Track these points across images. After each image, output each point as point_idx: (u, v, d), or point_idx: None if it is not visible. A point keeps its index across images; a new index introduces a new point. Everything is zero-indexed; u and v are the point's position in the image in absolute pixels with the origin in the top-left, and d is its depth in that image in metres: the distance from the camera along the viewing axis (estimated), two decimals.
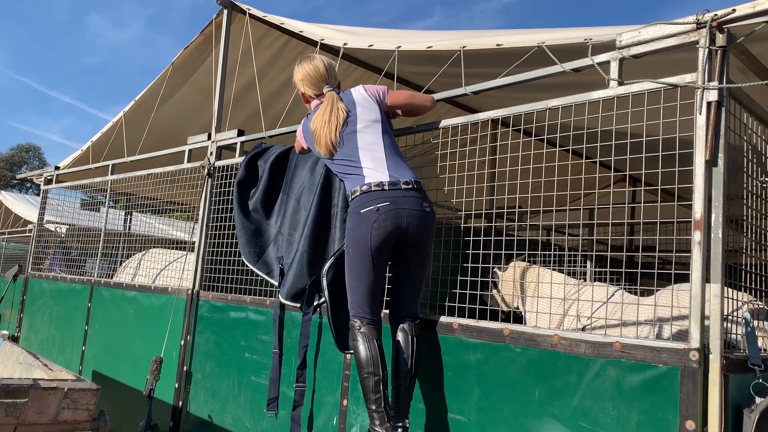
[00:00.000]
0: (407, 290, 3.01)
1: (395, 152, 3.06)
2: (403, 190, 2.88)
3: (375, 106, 3.12)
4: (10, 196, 17.05)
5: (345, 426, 3.36)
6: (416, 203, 2.88)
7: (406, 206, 2.85)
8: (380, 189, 2.89)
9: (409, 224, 2.86)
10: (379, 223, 2.84)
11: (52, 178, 7.69)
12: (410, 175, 2.95)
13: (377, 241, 2.85)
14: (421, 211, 2.88)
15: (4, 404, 2.14)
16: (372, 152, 3.00)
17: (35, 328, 7.26)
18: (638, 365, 2.34)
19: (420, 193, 2.93)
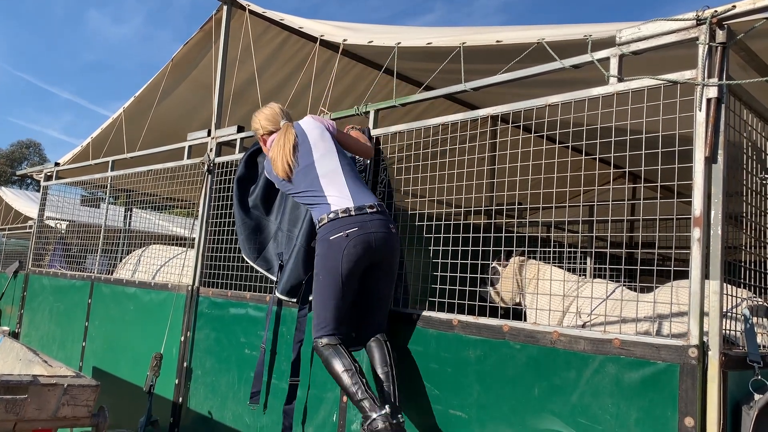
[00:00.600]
0: (376, 309, 3.11)
1: (355, 177, 3.18)
2: (369, 214, 3.00)
3: (327, 134, 3.27)
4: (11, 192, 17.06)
5: (345, 422, 3.37)
6: (382, 225, 3.01)
7: (373, 230, 2.97)
8: (347, 215, 3.00)
9: (378, 247, 2.98)
10: (349, 249, 2.95)
11: (52, 174, 7.69)
12: (372, 199, 3.08)
13: (348, 267, 2.96)
14: (388, 233, 3.01)
15: (4, 400, 2.15)
16: (333, 179, 3.13)
17: (36, 325, 7.27)
18: (637, 362, 2.34)
19: (384, 215, 3.06)
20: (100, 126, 7.06)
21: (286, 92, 5.75)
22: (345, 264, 2.95)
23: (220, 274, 4.55)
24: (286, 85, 5.92)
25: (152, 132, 6.46)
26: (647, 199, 2.92)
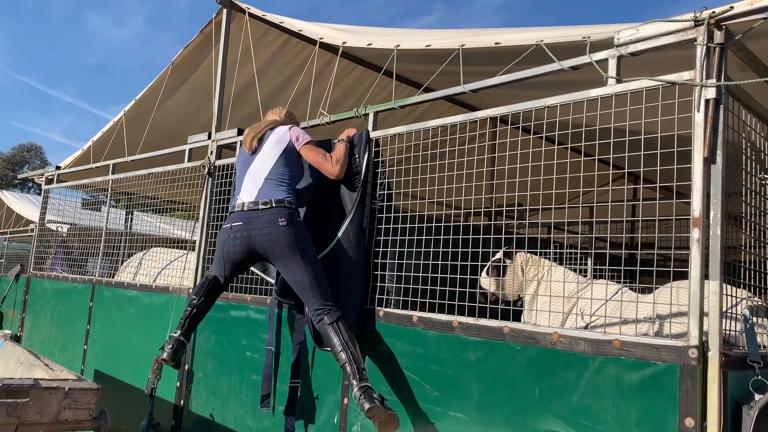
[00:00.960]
0: (301, 295, 3.30)
1: (282, 173, 3.43)
2: (260, 210, 3.29)
3: (286, 142, 3.52)
4: (12, 195, 17.08)
5: (346, 424, 3.37)
6: (269, 221, 3.24)
7: (257, 225, 3.25)
8: (240, 210, 3.37)
9: (259, 241, 3.26)
10: (228, 240, 3.35)
11: (53, 177, 7.70)
12: (276, 196, 3.32)
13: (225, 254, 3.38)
14: (272, 227, 3.22)
15: (5, 404, 2.15)
16: (254, 178, 3.45)
17: (37, 328, 7.28)
18: (637, 363, 2.35)
19: (277, 210, 3.27)
20: (101, 129, 7.07)
21: (286, 95, 5.76)
22: (223, 251, 3.36)
23: None
24: (286, 88, 5.92)
25: (153, 135, 6.47)
26: (647, 200, 2.92)
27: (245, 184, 3.45)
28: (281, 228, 3.21)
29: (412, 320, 3.17)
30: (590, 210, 6.03)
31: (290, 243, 3.21)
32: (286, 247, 3.21)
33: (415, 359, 3.13)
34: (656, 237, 2.74)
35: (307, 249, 3.28)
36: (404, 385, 3.14)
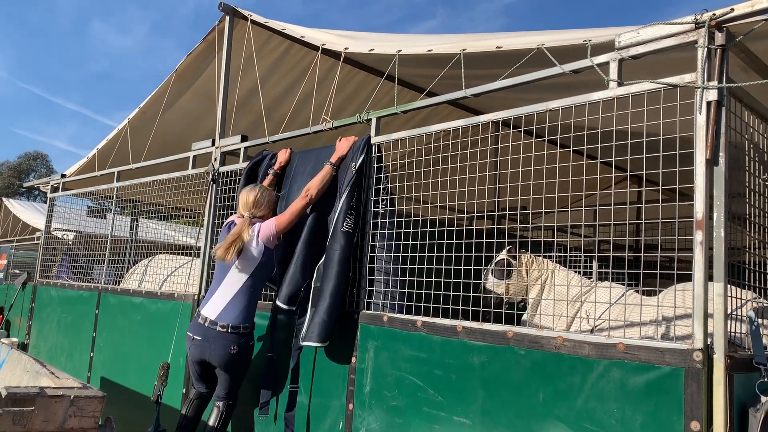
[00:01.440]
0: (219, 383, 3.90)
1: (247, 295, 3.74)
2: (217, 332, 3.68)
3: (260, 254, 3.75)
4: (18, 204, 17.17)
5: (351, 429, 3.37)
6: (224, 345, 3.68)
7: (212, 345, 3.69)
8: (203, 322, 3.74)
9: (211, 358, 3.73)
10: (190, 348, 3.83)
11: (58, 185, 7.74)
12: (234, 320, 3.69)
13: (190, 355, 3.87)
14: (224, 352, 3.68)
15: (11, 413, 2.16)
16: (226, 291, 3.76)
17: (44, 336, 7.30)
18: (642, 366, 2.34)
19: (235, 335, 3.68)
20: (105, 137, 7.10)
21: (289, 101, 5.78)
22: (189, 351, 3.86)
23: None
24: (289, 94, 5.94)
25: (157, 142, 6.50)
26: (650, 202, 2.92)
27: (215, 295, 3.79)
28: (230, 354, 3.70)
29: (416, 325, 3.17)
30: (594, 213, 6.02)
31: (232, 364, 3.75)
32: (230, 366, 3.76)
33: (419, 364, 3.13)
34: (660, 239, 2.73)
35: (243, 365, 3.82)
36: (409, 391, 3.14)
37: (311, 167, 3.95)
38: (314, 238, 3.75)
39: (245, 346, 3.74)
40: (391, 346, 3.28)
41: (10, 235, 15.16)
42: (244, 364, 3.81)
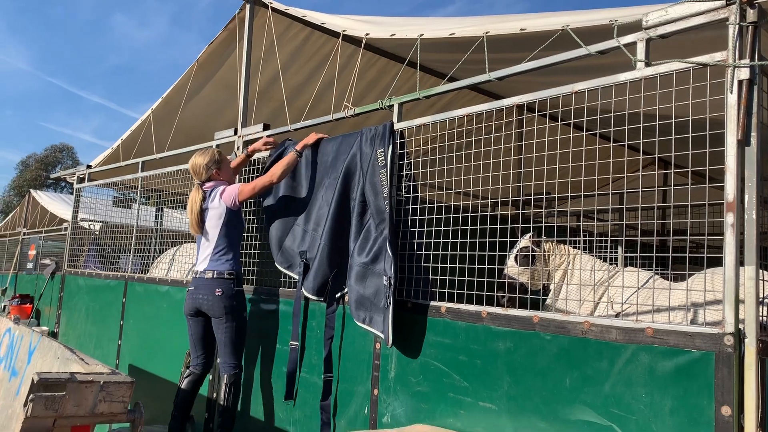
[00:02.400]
0: (219, 349, 4.08)
1: (221, 246, 4.08)
2: (206, 279, 4.03)
3: (223, 214, 4.08)
4: (46, 195, 17.45)
5: (377, 415, 3.38)
6: (210, 289, 3.99)
7: (205, 292, 4.00)
8: (195, 276, 4.14)
9: (202, 305, 4.04)
10: (186, 300, 4.14)
11: (84, 176, 7.84)
12: (218, 267, 4.04)
13: (186, 310, 4.17)
14: (214, 296, 3.97)
15: (44, 398, 2.20)
16: (206, 246, 4.14)
17: (73, 324, 7.44)
18: (671, 351, 2.31)
19: (219, 281, 4.00)
20: (129, 128, 7.18)
21: (310, 89, 5.78)
22: (185, 308, 4.16)
23: (251, 271, 4.60)
24: (310, 82, 5.94)
25: (180, 132, 6.55)
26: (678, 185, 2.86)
27: (199, 254, 4.20)
28: (214, 297, 3.98)
29: (440, 311, 3.16)
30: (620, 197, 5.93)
31: (220, 309, 3.98)
32: (220, 311, 3.99)
33: (443, 350, 3.12)
34: (689, 223, 2.68)
35: (233, 315, 4.00)
36: (434, 376, 3.13)
37: (333, 158, 3.95)
38: (338, 228, 3.75)
39: (231, 292, 4.00)
40: (415, 332, 3.28)
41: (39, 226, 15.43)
42: (234, 313, 4.00)
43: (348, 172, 3.77)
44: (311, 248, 3.93)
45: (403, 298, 3.38)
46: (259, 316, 4.37)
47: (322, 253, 3.77)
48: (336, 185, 3.80)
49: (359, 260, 3.52)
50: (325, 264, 3.75)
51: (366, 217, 3.63)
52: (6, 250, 15.60)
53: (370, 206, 3.57)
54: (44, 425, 2.26)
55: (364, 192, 3.62)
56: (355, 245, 3.61)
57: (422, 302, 3.28)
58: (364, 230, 3.61)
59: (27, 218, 16.28)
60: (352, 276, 3.53)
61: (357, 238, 3.62)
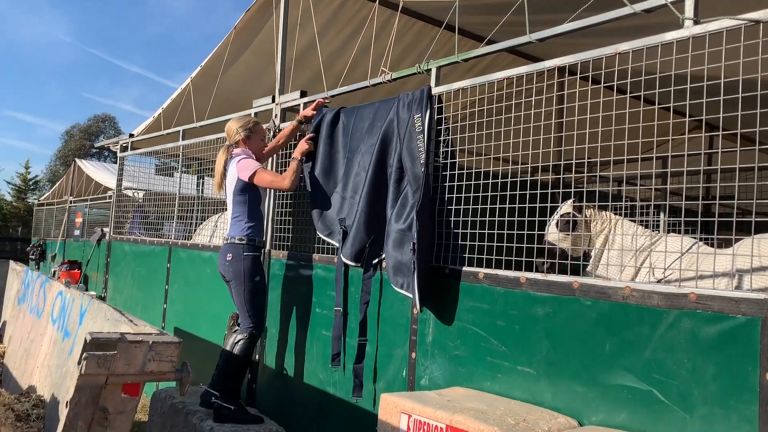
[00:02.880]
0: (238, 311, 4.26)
1: (237, 212, 4.23)
2: (224, 245, 4.23)
3: (234, 182, 4.19)
4: (90, 164, 17.89)
5: (414, 377, 3.43)
6: (224, 254, 4.18)
7: (221, 257, 4.23)
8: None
9: (220, 269, 4.25)
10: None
11: (127, 145, 8.00)
12: (231, 233, 4.21)
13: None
14: (224, 261, 4.17)
15: (96, 356, 2.29)
16: (229, 213, 4.34)
17: (119, 289, 7.69)
18: (715, 316, 2.27)
19: (229, 246, 4.17)
20: (168, 97, 7.27)
21: (347, 55, 5.75)
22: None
23: (290, 237, 4.66)
24: (347, 48, 5.90)
25: (219, 100, 6.61)
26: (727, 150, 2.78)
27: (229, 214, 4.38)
28: (227, 262, 4.17)
29: (478, 277, 3.17)
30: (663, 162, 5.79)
31: (231, 273, 4.16)
32: (231, 275, 4.17)
33: (481, 315, 3.13)
34: (736, 187, 2.61)
35: (245, 278, 4.12)
36: (471, 341, 3.16)
37: (369, 124, 3.94)
38: (375, 195, 3.76)
39: (240, 256, 4.12)
40: (452, 297, 3.30)
41: (84, 195, 15.86)
42: (243, 277, 4.11)
43: (385, 138, 3.76)
44: (349, 215, 3.95)
45: (441, 264, 3.39)
46: (296, 281, 4.44)
47: (359, 219, 3.79)
48: (373, 151, 3.80)
49: (396, 227, 3.53)
50: (363, 230, 3.78)
51: (403, 184, 3.62)
52: (54, 218, 16.11)
53: (407, 173, 3.56)
54: (97, 382, 2.36)
55: (401, 158, 3.61)
56: (392, 212, 3.62)
57: (460, 268, 3.29)
58: (401, 197, 3.61)
59: (73, 187, 16.74)
60: (389, 242, 3.55)
61: (394, 205, 3.63)
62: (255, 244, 4.19)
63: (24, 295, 7.09)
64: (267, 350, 4.69)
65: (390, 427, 2.80)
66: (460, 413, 2.55)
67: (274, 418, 4.32)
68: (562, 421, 2.63)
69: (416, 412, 2.69)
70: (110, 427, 2.39)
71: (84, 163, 17.80)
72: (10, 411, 4.33)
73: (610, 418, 2.55)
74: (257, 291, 4.15)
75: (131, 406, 2.43)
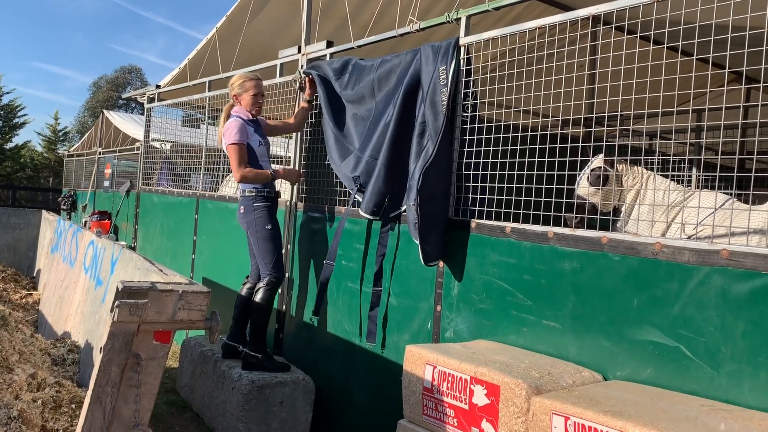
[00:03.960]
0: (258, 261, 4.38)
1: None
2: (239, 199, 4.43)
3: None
4: (118, 116, 18.01)
5: (439, 329, 3.46)
6: (238, 208, 4.41)
7: (237, 211, 4.44)
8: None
9: (238, 221, 4.44)
10: None
11: (154, 96, 8.01)
12: (242, 186, 4.38)
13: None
14: (240, 213, 4.37)
15: (128, 304, 2.34)
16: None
17: (149, 239, 7.83)
18: (747, 273, 2.23)
19: (242, 198, 4.36)
20: (195, 48, 7.23)
21: (374, 3, 5.62)
22: None
23: (317, 189, 4.67)
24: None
25: (245, 50, 6.55)
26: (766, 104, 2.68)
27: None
28: (240, 214, 4.37)
29: (505, 231, 3.15)
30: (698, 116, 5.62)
31: (245, 224, 4.35)
32: (245, 226, 4.36)
33: (508, 269, 3.13)
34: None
35: (257, 228, 4.27)
36: (497, 295, 3.16)
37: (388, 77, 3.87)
38: (396, 150, 3.72)
39: (251, 207, 4.29)
40: (479, 251, 3.29)
41: (113, 146, 16.03)
42: (256, 227, 4.27)
43: (407, 92, 3.67)
44: (368, 171, 3.91)
45: (468, 218, 3.38)
46: (322, 234, 4.47)
47: (379, 174, 3.75)
48: (394, 107, 3.73)
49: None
50: (384, 184, 3.75)
51: (425, 138, 3.57)
52: (84, 169, 16.35)
53: (429, 126, 3.50)
54: (129, 329, 2.41)
55: (425, 112, 3.55)
56: (414, 165, 3.59)
57: (486, 222, 3.27)
58: (423, 151, 3.56)
59: (102, 138, 16.92)
60: (410, 196, 3.52)
61: (417, 159, 3.59)
62: (265, 195, 4.31)
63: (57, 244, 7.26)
64: (294, 301, 4.77)
65: (415, 378, 2.84)
66: (484, 365, 2.57)
67: (300, 366, 4.42)
68: (586, 375, 2.64)
69: (441, 363, 2.72)
70: (142, 372, 2.46)
71: (112, 114, 17.93)
72: (46, 355, 4.49)
73: (635, 373, 2.55)
74: (270, 239, 4.26)
75: (162, 352, 2.49)
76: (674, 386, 2.41)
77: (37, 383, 3.59)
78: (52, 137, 30.03)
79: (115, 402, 2.43)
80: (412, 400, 2.85)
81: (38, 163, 28.21)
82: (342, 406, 4.19)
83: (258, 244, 4.28)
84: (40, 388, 3.58)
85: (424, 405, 2.78)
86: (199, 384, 4.69)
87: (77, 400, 3.56)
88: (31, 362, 3.99)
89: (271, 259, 4.25)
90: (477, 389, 2.55)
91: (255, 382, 4.02)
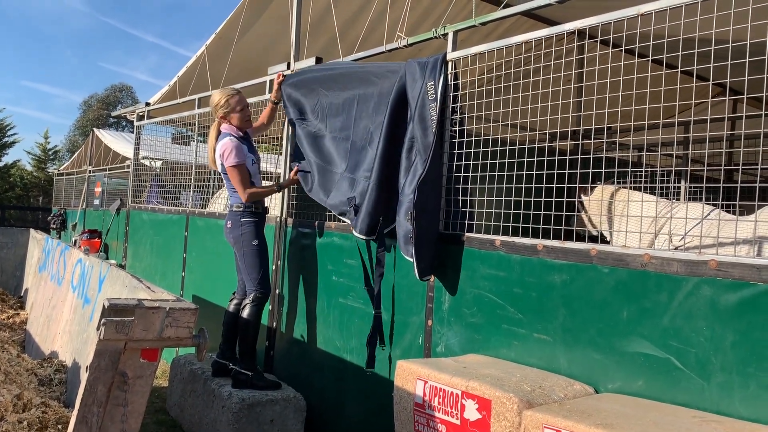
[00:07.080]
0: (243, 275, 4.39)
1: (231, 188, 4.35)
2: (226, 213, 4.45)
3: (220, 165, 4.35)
4: (108, 134, 17.99)
5: (431, 345, 3.44)
6: (225, 223, 4.40)
7: (224, 226, 4.44)
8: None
9: (225, 237, 4.45)
10: None
11: (144, 114, 8.00)
12: (229, 201, 4.44)
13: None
14: (227, 228, 4.38)
15: (114, 322, 2.32)
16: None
17: (139, 257, 7.77)
18: (735, 284, 2.24)
19: (230, 213, 4.37)
20: (184, 65, 7.24)
21: (362, 20, 5.66)
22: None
23: (306, 205, 4.66)
24: (362, 13, 5.81)
25: (235, 67, 6.56)
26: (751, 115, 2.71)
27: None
28: (227, 229, 4.38)
29: (495, 244, 3.15)
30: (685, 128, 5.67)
31: (232, 239, 4.35)
32: (232, 241, 4.36)
33: (498, 282, 3.12)
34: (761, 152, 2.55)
35: (243, 244, 4.27)
36: (487, 308, 3.15)
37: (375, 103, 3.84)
38: (386, 168, 3.70)
39: (237, 223, 4.28)
40: (469, 265, 3.28)
41: (103, 164, 15.98)
42: (242, 242, 4.27)
43: (393, 109, 3.67)
44: (359, 193, 3.89)
45: (457, 232, 3.37)
46: (312, 250, 4.45)
47: (371, 194, 3.74)
48: (382, 124, 3.72)
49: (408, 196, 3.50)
50: (377, 205, 3.72)
51: (413, 154, 3.57)
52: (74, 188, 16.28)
53: (418, 142, 3.50)
54: (116, 348, 2.39)
55: (413, 128, 3.55)
56: (404, 181, 3.58)
57: (476, 236, 3.27)
58: (412, 167, 3.56)
59: (92, 156, 16.87)
60: (401, 212, 3.51)
61: (406, 175, 3.58)
62: (252, 210, 4.30)
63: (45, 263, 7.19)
64: (284, 318, 4.74)
65: (406, 393, 2.81)
66: (475, 379, 2.55)
67: (291, 384, 4.38)
68: (578, 388, 2.62)
69: (432, 378, 2.70)
70: (129, 391, 2.43)
71: (102, 132, 17.90)
72: (33, 375, 4.43)
73: (627, 385, 2.54)
74: (256, 255, 4.24)
75: (150, 370, 2.46)
76: (665, 398, 2.41)
77: (22, 404, 3.53)
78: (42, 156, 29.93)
79: (101, 422, 2.40)
80: (403, 416, 2.83)
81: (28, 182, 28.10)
82: (333, 423, 4.15)
83: (244, 260, 4.25)
84: (25, 408, 3.52)
85: (416, 421, 2.76)
86: (188, 403, 4.63)
87: (63, 421, 3.51)
88: (17, 383, 3.93)
89: (257, 275, 4.22)
90: (468, 404, 2.53)
91: (245, 400, 3.98)
